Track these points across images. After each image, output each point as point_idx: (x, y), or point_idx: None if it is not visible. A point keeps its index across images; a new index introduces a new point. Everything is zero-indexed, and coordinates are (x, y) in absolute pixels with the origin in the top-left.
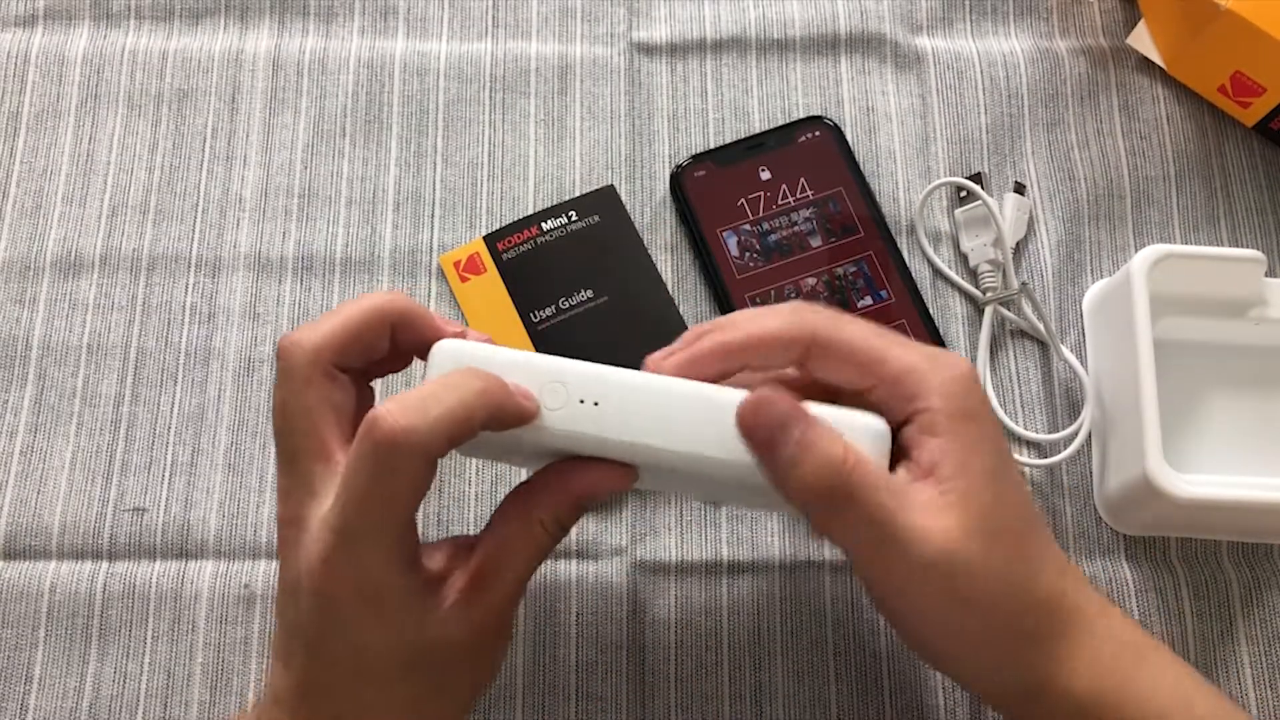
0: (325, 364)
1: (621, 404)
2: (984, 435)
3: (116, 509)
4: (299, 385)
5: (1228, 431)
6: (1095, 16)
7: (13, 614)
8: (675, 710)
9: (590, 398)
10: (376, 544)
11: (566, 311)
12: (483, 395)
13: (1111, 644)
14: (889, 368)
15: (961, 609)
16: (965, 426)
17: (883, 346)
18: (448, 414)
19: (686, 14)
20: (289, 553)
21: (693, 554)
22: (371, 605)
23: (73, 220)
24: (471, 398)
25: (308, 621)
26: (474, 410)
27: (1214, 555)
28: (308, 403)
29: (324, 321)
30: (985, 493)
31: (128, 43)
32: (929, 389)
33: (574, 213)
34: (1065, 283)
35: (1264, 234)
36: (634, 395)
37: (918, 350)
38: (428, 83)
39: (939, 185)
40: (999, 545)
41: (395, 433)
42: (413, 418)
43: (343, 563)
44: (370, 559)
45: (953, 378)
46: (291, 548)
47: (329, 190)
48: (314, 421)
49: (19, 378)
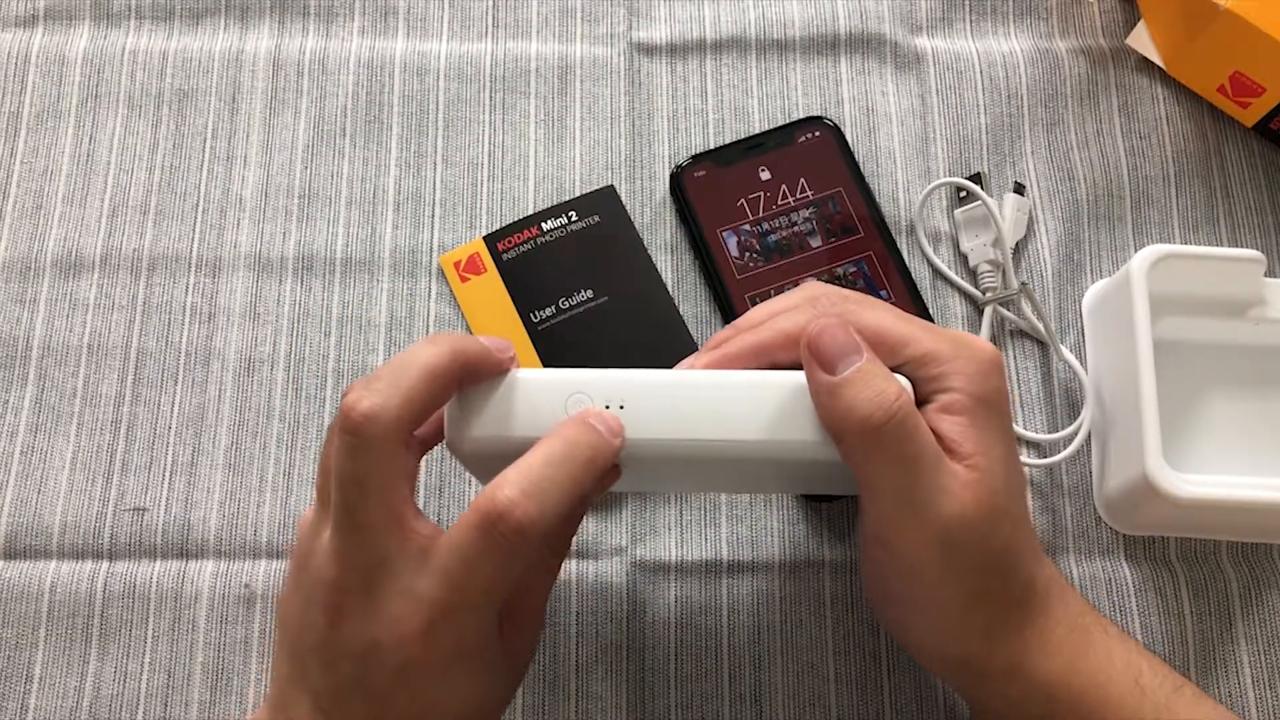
0: (406, 436)
1: (647, 403)
2: (1001, 423)
3: (117, 509)
4: (380, 461)
5: (1228, 431)
6: (1095, 17)
7: (13, 614)
8: (675, 710)
9: (615, 401)
10: (483, 617)
11: (566, 311)
12: (590, 466)
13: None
14: (914, 349)
15: (955, 578)
16: (986, 411)
17: (909, 330)
18: (565, 498)
19: (686, 14)
20: (356, 622)
21: (692, 554)
22: (467, 667)
23: (73, 220)
24: (579, 470)
25: (385, 685)
26: (584, 485)
27: (1213, 555)
28: (388, 478)
29: (396, 386)
30: (998, 477)
31: (128, 43)
32: (954, 370)
33: (574, 213)
34: (1065, 283)
35: (1264, 234)
36: (660, 392)
37: (943, 335)
38: (428, 83)
39: (939, 185)
40: (1001, 527)
41: (525, 525)
42: (535, 508)
43: (445, 634)
44: (475, 629)
45: (977, 361)
46: (359, 617)
47: (329, 190)
48: (391, 496)
49: (19, 378)
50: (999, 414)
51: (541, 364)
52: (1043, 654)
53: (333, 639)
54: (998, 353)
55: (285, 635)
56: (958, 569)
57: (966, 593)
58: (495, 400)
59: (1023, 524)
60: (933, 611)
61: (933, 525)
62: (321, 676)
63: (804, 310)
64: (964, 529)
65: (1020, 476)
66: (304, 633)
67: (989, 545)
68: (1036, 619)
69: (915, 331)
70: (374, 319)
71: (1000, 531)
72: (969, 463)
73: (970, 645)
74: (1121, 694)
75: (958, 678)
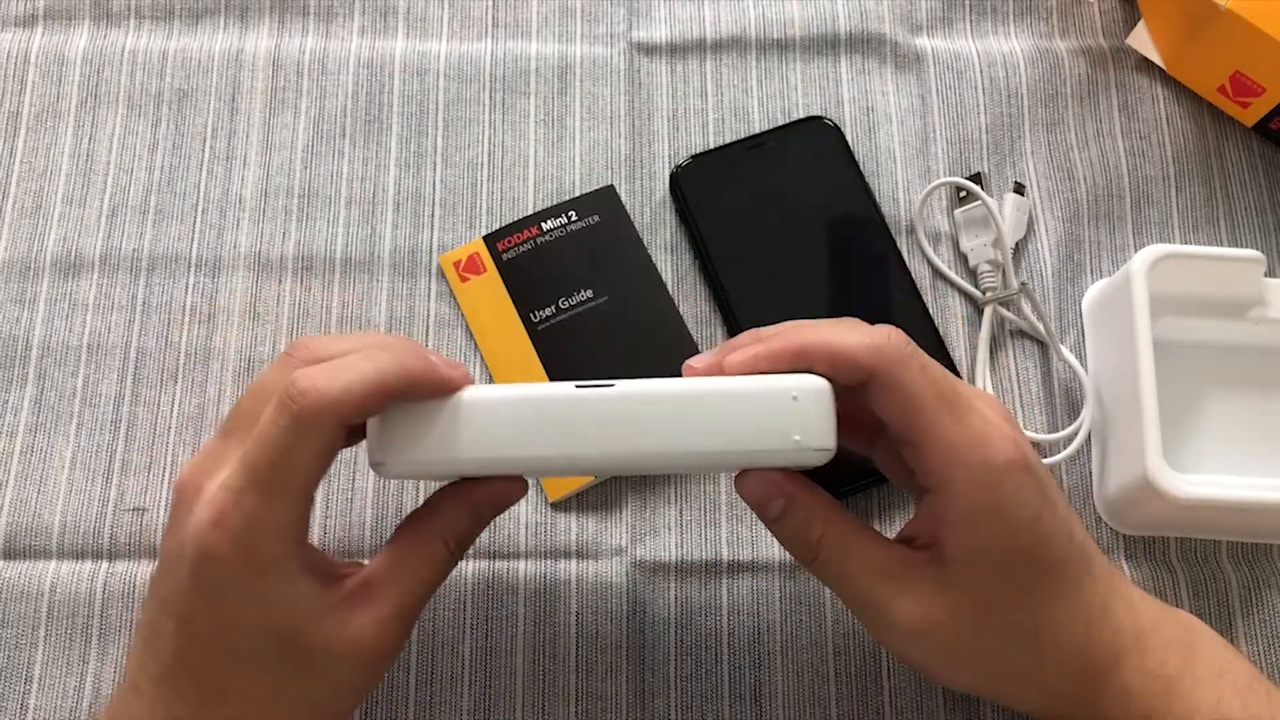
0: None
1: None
2: (1006, 528)
3: (116, 509)
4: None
5: (1228, 431)
6: (1095, 17)
7: (13, 614)
8: (675, 710)
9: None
10: (273, 506)
11: (566, 311)
12: (398, 365)
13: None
14: (926, 436)
15: (952, 670)
16: (984, 518)
17: (932, 412)
18: (361, 380)
19: (686, 14)
20: (179, 517)
21: (693, 554)
22: (255, 574)
23: (73, 220)
24: (388, 363)
25: (185, 592)
26: (388, 377)
27: (1213, 555)
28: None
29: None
30: (983, 581)
31: (128, 43)
32: (952, 478)
33: (574, 213)
34: (1065, 283)
35: (1264, 234)
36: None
37: (964, 427)
38: (428, 83)
39: (939, 185)
40: (996, 622)
41: (314, 394)
42: (327, 378)
43: (236, 523)
44: (264, 522)
45: (984, 467)
46: (182, 511)
47: (329, 190)
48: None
49: (19, 378)
50: (1005, 516)
51: (541, 364)
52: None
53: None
54: (1020, 448)
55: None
56: (945, 664)
57: (972, 682)
58: (426, 423)
59: (1040, 607)
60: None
61: (896, 637)
62: (150, 598)
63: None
64: (928, 638)
65: (1033, 565)
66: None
67: (976, 641)
68: (1100, 691)
69: (938, 416)
70: (374, 319)
71: (986, 627)
72: (945, 570)
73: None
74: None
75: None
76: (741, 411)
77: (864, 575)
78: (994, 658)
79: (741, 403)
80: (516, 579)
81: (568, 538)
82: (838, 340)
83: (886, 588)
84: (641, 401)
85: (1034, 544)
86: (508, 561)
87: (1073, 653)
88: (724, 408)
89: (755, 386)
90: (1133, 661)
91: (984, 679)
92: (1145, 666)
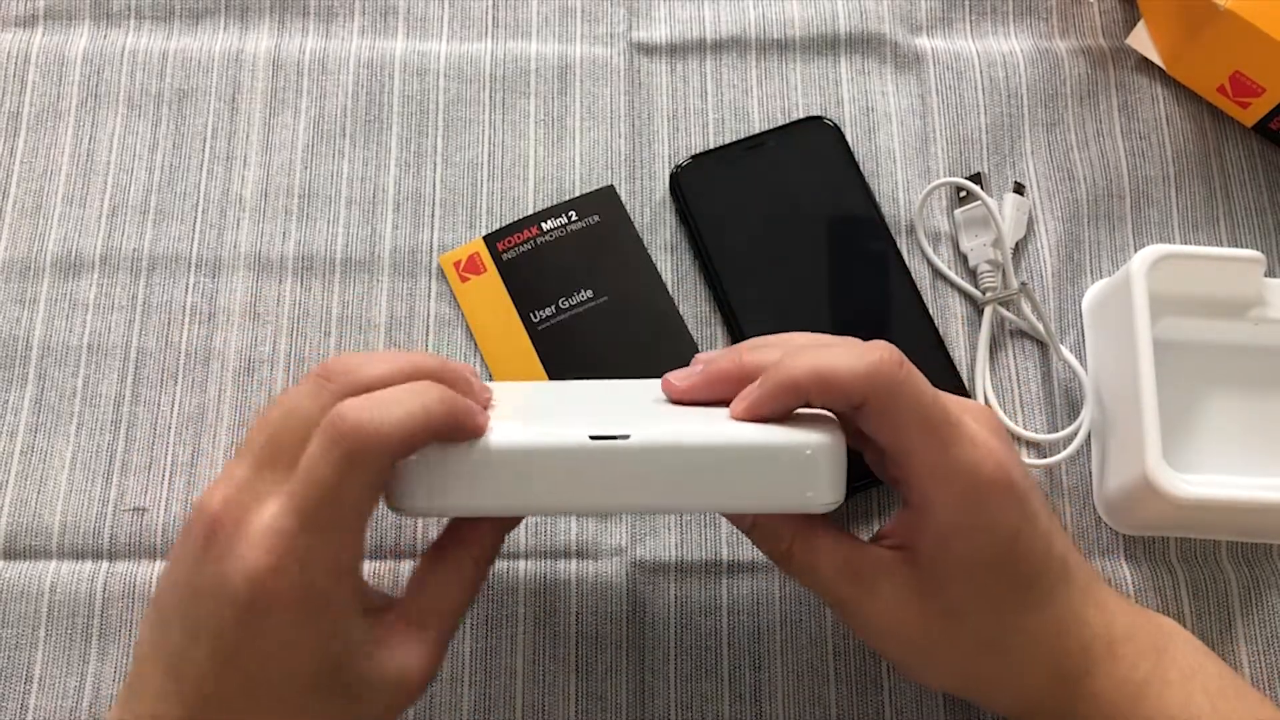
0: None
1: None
2: (982, 544)
3: (116, 509)
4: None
5: (1228, 431)
6: (1095, 17)
7: (13, 614)
8: (675, 710)
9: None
10: (328, 546)
11: (566, 311)
12: (444, 407)
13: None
14: (911, 462)
15: (924, 670)
16: (962, 534)
17: (919, 440)
18: (410, 419)
19: (686, 14)
20: (216, 550)
21: (692, 554)
22: (310, 614)
23: (73, 220)
24: (433, 403)
25: (229, 628)
26: (434, 415)
27: (1213, 555)
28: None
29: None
30: (954, 589)
31: (128, 43)
32: (934, 500)
33: (574, 213)
34: (1065, 283)
35: (1263, 234)
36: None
37: (950, 457)
38: (428, 83)
39: (938, 185)
40: (965, 628)
41: (362, 426)
42: (378, 414)
43: (291, 567)
44: (319, 562)
45: (966, 493)
46: (220, 545)
47: (329, 190)
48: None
49: (19, 378)
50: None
51: (541, 364)
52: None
53: (188, 577)
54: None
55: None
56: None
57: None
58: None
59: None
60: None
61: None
62: (177, 622)
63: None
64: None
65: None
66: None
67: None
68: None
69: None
70: (374, 319)
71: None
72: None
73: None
74: None
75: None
76: (757, 470)
77: (835, 576)
78: (963, 662)
79: (757, 462)
80: (516, 579)
81: (568, 538)
82: (828, 371)
83: (856, 588)
84: (660, 456)
85: (1009, 559)
86: (508, 561)
87: (1043, 661)
88: (740, 466)
89: (771, 441)
90: (1104, 668)
91: (956, 680)
92: (1116, 672)
